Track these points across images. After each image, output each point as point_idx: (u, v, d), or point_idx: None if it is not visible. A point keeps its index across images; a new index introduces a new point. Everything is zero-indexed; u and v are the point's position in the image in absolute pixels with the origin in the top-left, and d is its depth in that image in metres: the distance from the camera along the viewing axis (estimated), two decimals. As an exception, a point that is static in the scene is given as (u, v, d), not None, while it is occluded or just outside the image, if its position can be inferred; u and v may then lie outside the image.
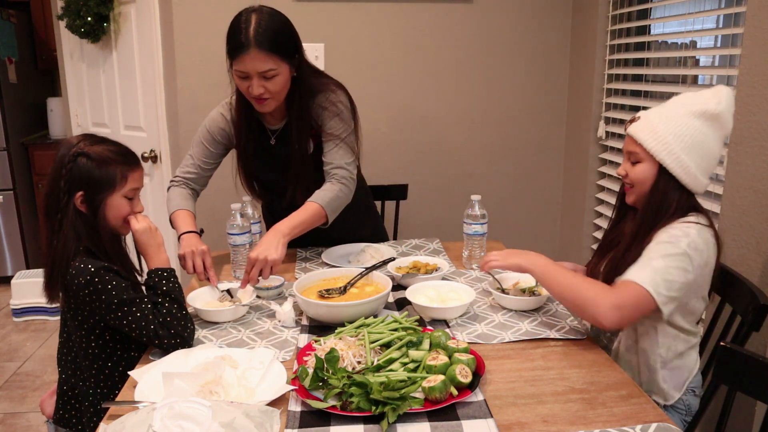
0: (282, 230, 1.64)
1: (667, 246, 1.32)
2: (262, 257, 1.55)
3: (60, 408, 1.46)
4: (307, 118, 1.77)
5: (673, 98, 1.44)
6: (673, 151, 1.35)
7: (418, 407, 1.08)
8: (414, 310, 1.49)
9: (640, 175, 1.42)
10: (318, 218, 1.73)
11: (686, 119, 1.36)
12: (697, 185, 1.38)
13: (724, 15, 2.01)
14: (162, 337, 1.29)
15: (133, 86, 3.10)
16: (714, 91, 1.37)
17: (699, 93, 1.40)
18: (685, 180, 1.37)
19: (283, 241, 1.61)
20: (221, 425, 0.97)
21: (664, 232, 1.35)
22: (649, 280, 1.28)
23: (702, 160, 1.36)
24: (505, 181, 3.03)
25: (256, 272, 1.56)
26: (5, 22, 4.08)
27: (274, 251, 1.57)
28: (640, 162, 1.42)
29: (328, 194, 1.75)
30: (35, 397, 2.79)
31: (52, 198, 1.37)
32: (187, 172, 1.86)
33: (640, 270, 1.31)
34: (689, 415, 1.44)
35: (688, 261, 1.30)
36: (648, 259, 1.32)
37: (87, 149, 1.37)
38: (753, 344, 1.69)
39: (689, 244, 1.31)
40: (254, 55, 1.59)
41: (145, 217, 1.46)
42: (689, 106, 1.37)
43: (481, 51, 2.86)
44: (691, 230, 1.33)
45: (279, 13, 1.67)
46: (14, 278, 3.65)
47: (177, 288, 1.38)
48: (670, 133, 1.35)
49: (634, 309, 1.30)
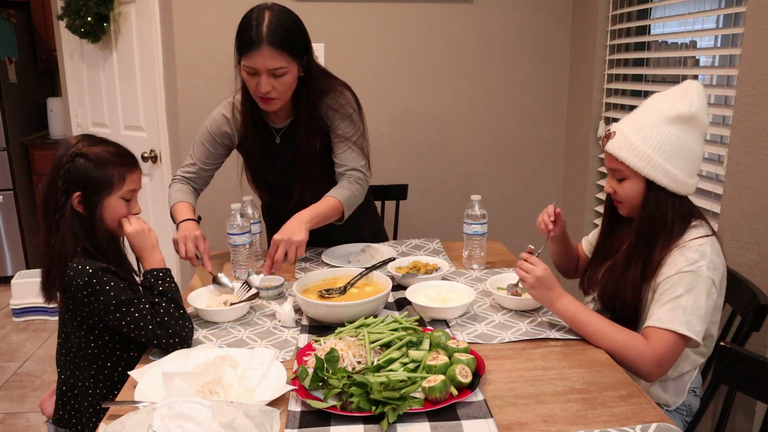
0: (304, 218, 1.65)
1: (690, 277, 1.29)
2: (287, 238, 1.56)
3: (59, 408, 1.46)
4: (316, 117, 1.77)
5: (643, 104, 1.41)
6: (657, 164, 1.33)
7: (418, 407, 1.07)
8: (414, 310, 1.49)
9: (629, 192, 1.40)
10: (336, 212, 1.74)
11: (662, 128, 1.33)
12: (687, 188, 1.37)
13: (724, 15, 2.01)
14: (161, 337, 1.29)
15: (133, 86, 3.10)
16: (683, 92, 1.35)
17: (668, 95, 1.37)
18: (674, 188, 1.35)
19: (306, 226, 1.62)
20: (221, 425, 0.97)
21: (680, 255, 1.32)
22: (684, 323, 1.26)
23: (686, 164, 1.35)
24: (505, 181, 3.03)
25: (282, 253, 1.56)
26: (5, 22, 4.08)
27: (299, 233, 1.58)
28: (626, 179, 1.40)
29: (345, 191, 1.76)
30: (35, 397, 2.79)
31: (50, 198, 1.37)
32: (188, 171, 1.86)
33: (670, 313, 1.28)
34: (690, 416, 1.44)
35: (711, 283, 1.30)
36: (674, 298, 1.29)
37: (85, 150, 1.37)
38: (753, 344, 1.69)
39: (708, 265, 1.30)
40: (266, 53, 1.59)
41: (138, 219, 1.46)
42: (662, 112, 1.34)
43: (481, 51, 2.86)
44: (705, 248, 1.32)
45: (291, 11, 1.67)
46: (14, 278, 3.65)
47: (173, 288, 1.38)
48: (649, 146, 1.33)
49: (675, 357, 1.29)
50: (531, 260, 1.42)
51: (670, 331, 1.27)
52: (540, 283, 1.39)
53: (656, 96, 1.41)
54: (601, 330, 1.32)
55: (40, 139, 4.32)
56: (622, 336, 1.31)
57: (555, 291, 1.38)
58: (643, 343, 1.29)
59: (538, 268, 1.39)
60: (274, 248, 1.56)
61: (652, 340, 1.28)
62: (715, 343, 1.41)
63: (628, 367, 1.30)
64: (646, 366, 1.27)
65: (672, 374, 1.39)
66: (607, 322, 1.34)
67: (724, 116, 1.92)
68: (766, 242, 1.66)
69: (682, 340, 1.27)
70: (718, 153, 1.91)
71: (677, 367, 1.39)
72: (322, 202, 1.73)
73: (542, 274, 1.38)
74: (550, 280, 1.39)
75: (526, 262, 1.42)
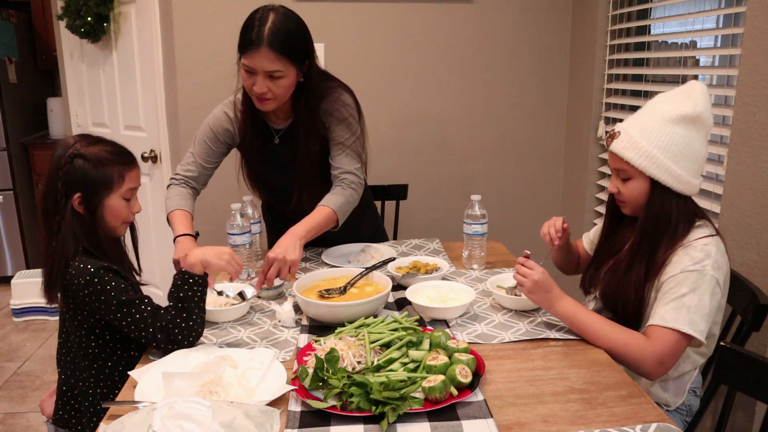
0: (298, 233, 1.64)
1: (695, 276, 1.29)
2: (281, 257, 1.55)
3: (59, 409, 1.46)
4: (315, 120, 1.77)
5: (647, 104, 1.42)
6: (662, 164, 1.34)
7: (418, 407, 1.07)
8: (414, 310, 1.49)
9: (634, 192, 1.40)
10: (330, 222, 1.74)
11: (667, 128, 1.33)
12: (691, 188, 1.37)
13: (724, 15, 2.01)
14: (160, 340, 1.28)
15: (133, 86, 3.10)
16: (688, 92, 1.35)
17: (672, 96, 1.37)
18: (678, 188, 1.35)
19: (300, 243, 1.62)
20: (221, 425, 0.97)
21: (684, 254, 1.33)
22: (688, 322, 1.26)
23: (692, 164, 1.35)
24: (505, 181, 3.03)
25: (275, 272, 1.56)
26: (5, 22, 4.08)
27: (292, 252, 1.58)
28: (630, 179, 1.40)
29: (339, 198, 1.76)
30: (35, 397, 2.79)
31: (49, 200, 1.36)
32: (188, 170, 1.85)
33: (674, 312, 1.28)
34: (690, 415, 1.44)
35: (715, 283, 1.30)
36: (679, 297, 1.29)
37: (83, 150, 1.36)
38: (753, 344, 1.69)
39: (713, 265, 1.30)
40: (264, 54, 1.59)
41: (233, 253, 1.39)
42: (666, 113, 1.34)
43: (481, 51, 2.86)
44: (710, 248, 1.32)
45: (296, 16, 1.67)
46: (14, 278, 3.65)
47: (196, 297, 1.30)
48: (655, 146, 1.33)
49: (677, 356, 1.29)
50: (528, 264, 1.41)
51: (673, 330, 1.27)
52: (538, 287, 1.39)
53: (660, 96, 1.41)
54: (602, 330, 1.32)
55: (40, 139, 4.32)
56: (623, 335, 1.30)
57: (553, 293, 1.38)
58: (644, 341, 1.29)
59: (535, 272, 1.39)
60: (267, 265, 1.56)
61: (654, 339, 1.28)
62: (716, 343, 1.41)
63: (630, 366, 1.30)
64: (649, 365, 1.27)
65: (672, 374, 1.39)
66: (607, 322, 1.33)
67: (724, 116, 1.92)
68: (766, 242, 1.66)
69: (685, 339, 1.27)
70: (718, 153, 1.91)
71: (678, 367, 1.39)
72: (316, 212, 1.72)
73: (539, 278, 1.38)
74: (547, 283, 1.39)
75: (523, 267, 1.42)
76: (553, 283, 1.39)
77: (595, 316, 1.34)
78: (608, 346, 1.31)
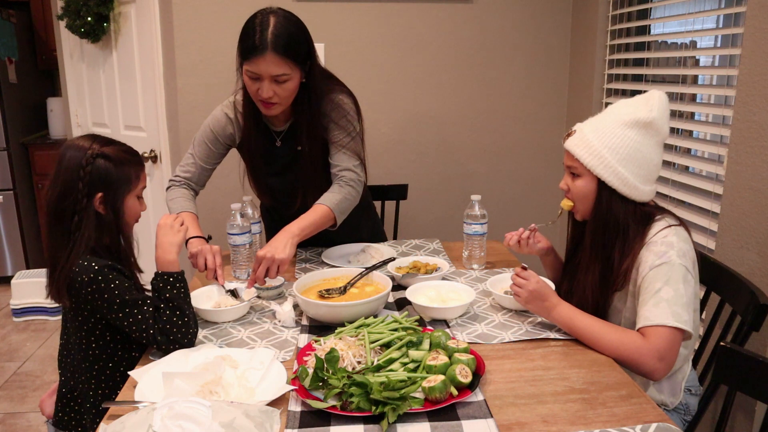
0: (292, 231, 1.64)
1: (664, 269, 1.30)
2: (269, 256, 1.55)
3: (59, 411, 1.45)
4: (317, 120, 1.77)
5: (607, 108, 1.45)
6: (609, 165, 1.36)
7: (418, 407, 1.08)
8: (414, 310, 1.49)
9: (582, 190, 1.43)
10: (327, 220, 1.73)
11: (619, 130, 1.36)
12: (639, 194, 1.38)
13: (724, 15, 2.01)
14: (160, 342, 1.29)
15: (133, 86, 3.10)
16: (646, 98, 1.38)
17: (631, 101, 1.40)
18: (624, 191, 1.37)
19: (293, 242, 1.61)
20: (221, 425, 0.97)
21: (648, 252, 1.34)
22: (670, 315, 1.27)
23: (640, 169, 1.37)
24: (505, 181, 3.03)
25: (263, 270, 1.56)
26: (5, 22, 4.08)
27: (282, 251, 1.57)
28: (579, 177, 1.42)
29: (336, 196, 1.75)
30: (35, 397, 2.79)
31: (68, 201, 1.35)
32: (188, 171, 1.85)
33: (654, 309, 1.29)
34: (688, 415, 1.44)
35: (685, 270, 1.31)
36: (654, 293, 1.30)
37: (103, 150, 1.38)
38: (753, 344, 1.69)
39: (678, 253, 1.31)
40: (269, 59, 1.58)
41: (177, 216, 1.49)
42: (621, 116, 1.37)
43: (481, 51, 2.86)
44: (670, 238, 1.33)
45: (296, 17, 1.66)
46: (14, 278, 3.65)
47: (181, 294, 1.34)
48: (605, 146, 1.36)
49: (675, 349, 1.29)
50: (523, 275, 1.42)
51: (661, 327, 1.28)
52: (534, 296, 1.39)
53: (621, 101, 1.44)
54: (598, 333, 1.32)
55: (40, 139, 4.32)
56: (617, 335, 1.31)
57: (550, 301, 1.39)
58: (640, 339, 1.29)
59: (530, 282, 1.40)
60: (256, 264, 1.56)
61: (647, 338, 1.29)
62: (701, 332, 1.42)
63: (632, 368, 1.29)
64: (648, 362, 1.27)
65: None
66: (603, 324, 1.34)
67: (724, 116, 1.92)
68: (766, 242, 1.66)
69: (677, 332, 1.28)
70: (718, 153, 1.91)
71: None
72: (312, 210, 1.72)
73: (535, 287, 1.39)
74: (543, 291, 1.39)
75: (518, 277, 1.42)
76: (549, 291, 1.40)
77: (591, 320, 1.35)
78: (607, 349, 1.31)
